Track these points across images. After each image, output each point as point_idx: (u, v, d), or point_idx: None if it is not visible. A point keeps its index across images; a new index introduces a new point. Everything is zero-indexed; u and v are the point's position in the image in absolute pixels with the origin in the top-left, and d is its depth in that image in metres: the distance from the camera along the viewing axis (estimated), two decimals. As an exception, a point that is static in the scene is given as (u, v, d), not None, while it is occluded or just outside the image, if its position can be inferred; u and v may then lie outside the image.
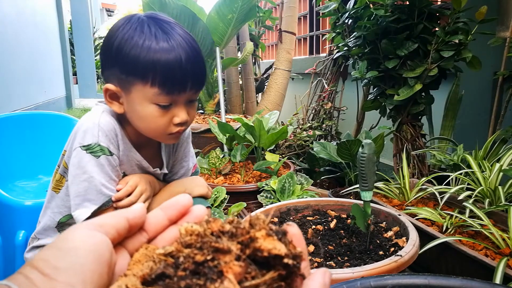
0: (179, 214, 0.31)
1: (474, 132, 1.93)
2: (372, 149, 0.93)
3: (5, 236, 1.29)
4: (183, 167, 1.07)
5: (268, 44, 4.68)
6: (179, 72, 0.80)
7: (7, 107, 3.00)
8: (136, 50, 0.79)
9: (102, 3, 12.99)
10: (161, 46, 0.79)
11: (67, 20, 6.12)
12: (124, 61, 0.80)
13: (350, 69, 2.53)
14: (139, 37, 0.80)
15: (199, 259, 0.24)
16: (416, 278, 0.65)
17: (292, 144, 2.40)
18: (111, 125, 0.86)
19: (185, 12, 2.27)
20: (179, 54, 0.80)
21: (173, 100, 0.83)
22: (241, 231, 0.25)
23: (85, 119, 0.87)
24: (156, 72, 0.79)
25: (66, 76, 5.60)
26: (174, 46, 0.80)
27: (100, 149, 0.84)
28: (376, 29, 1.61)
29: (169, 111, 0.84)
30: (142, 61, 0.79)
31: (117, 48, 0.80)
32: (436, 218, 1.17)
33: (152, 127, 0.85)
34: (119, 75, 0.82)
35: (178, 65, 0.79)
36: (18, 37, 3.61)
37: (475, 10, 1.45)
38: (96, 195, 0.84)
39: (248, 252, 0.24)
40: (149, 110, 0.82)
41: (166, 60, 0.79)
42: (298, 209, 1.18)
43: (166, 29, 0.82)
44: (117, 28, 0.82)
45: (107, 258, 0.26)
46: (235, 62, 2.75)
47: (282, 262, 0.24)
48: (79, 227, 0.27)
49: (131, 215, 0.29)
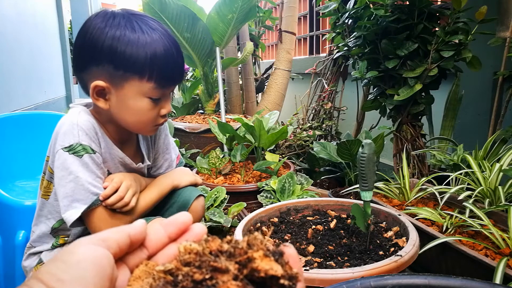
0: (179, 231, 0.31)
1: (474, 132, 1.93)
2: (372, 149, 0.93)
3: (5, 236, 1.29)
4: (166, 159, 1.07)
5: (268, 44, 4.68)
6: (173, 66, 0.84)
7: (7, 107, 3.00)
8: (132, 47, 0.81)
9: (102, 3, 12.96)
10: (155, 45, 0.82)
11: (67, 20, 6.12)
12: (120, 58, 0.81)
13: (350, 69, 2.53)
14: (131, 33, 0.81)
15: (197, 278, 0.24)
16: (416, 278, 0.65)
17: (292, 144, 2.40)
18: (89, 123, 0.87)
19: (185, 12, 2.27)
20: (171, 49, 0.84)
21: (164, 92, 0.87)
22: (239, 251, 0.26)
23: (62, 121, 0.87)
24: (154, 68, 0.82)
25: (66, 76, 5.60)
26: (165, 42, 0.83)
27: (82, 148, 0.84)
28: (376, 29, 1.61)
29: (159, 104, 0.88)
30: (141, 58, 0.81)
31: (110, 46, 0.81)
32: (436, 218, 1.17)
33: (143, 120, 0.88)
34: (112, 72, 0.83)
35: (173, 61, 0.84)
36: (18, 37, 3.61)
37: (475, 10, 1.45)
38: (84, 194, 0.84)
39: (246, 272, 0.25)
40: (142, 103, 0.85)
41: (164, 55, 0.82)
42: (298, 209, 1.18)
43: (151, 24, 0.84)
44: (101, 26, 0.82)
45: (109, 273, 0.26)
46: (235, 62, 2.75)
47: (279, 282, 0.25)
48: (83, 241, 0.27)
49: (132, 231, 0.29)
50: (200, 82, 2.69)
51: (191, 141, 2.25)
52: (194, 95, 3.17)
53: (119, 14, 0.84)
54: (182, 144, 2.20)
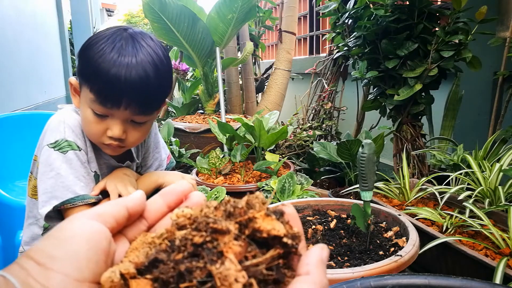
0: (177, 200, 0.31)
1: (474, 132, 1.93)
2: (372, 149, 0.93)
3: (5, 236, 1.29)
4: (156, 158, 1.06)
5: (268, 44, 4.68)
6: (114, 88, 0.79)
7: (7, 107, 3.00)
8: (91, 54, 0.80)
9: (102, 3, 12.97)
10: (112, 58, 0.79)
11: (67, 20, 6.11)
12: (83, 60, 0.83)
13: (350, 69, 2.53)
14: (103, 43, 0.81)
15: (197, 241, 0.24)
16: (416, 278, 0.65)
17: (292, 144, 2.40)
18: (76, 121, 0.88)
19: (185, 12, 2.27)
20: (122, 69, 0.78)
21: (108, 112, 0.82)
22: (239, 211, 0.25)
23: (50, 120, 0.89)
24: (96, 80, 0.80)
25: (66, 76, 5.59)
26: (121, 61, 0.79)
27: (67, 144, 0.85)
28: (376, 29, 1.61)
29: (104, 121, 0.83)
30: (91, 66, 0.80)
31: (85, 47, 0.83)
32: (436, 218, 1.17)
33: (87, 130, 0.87)
34: (80, 74, 0.84)
35: (116, 79, 0.78)
36: (18, 37, 3.61)
37: (475, 10, 1.45)
38: (63, 192, 0.83)
39: (247, 233, 0.24)
40: (87, 113, 0.84)
41: (107, 73, 0.78)
42: (298, 209, 1.18)
43: (135, 46, 0.81)
44: (97, 38, 0.83)
45: (104, 247, 0.26)
46: (235, 62, 2.75)
47: (281, 241, 0.24)
48: (77, 217, 0.27)
49: (130, 203, 0.29)
50: (200, 82, 2.69)
51: (191, 141, 2.25)
52: (194, 95, 3.17)
53: (119, 28, 0.84)
54: (182, 144, 2.20)
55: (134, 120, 0.85)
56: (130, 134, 0.86)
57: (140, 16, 9.70)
